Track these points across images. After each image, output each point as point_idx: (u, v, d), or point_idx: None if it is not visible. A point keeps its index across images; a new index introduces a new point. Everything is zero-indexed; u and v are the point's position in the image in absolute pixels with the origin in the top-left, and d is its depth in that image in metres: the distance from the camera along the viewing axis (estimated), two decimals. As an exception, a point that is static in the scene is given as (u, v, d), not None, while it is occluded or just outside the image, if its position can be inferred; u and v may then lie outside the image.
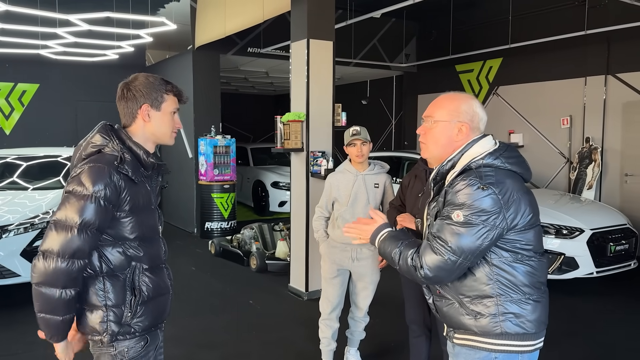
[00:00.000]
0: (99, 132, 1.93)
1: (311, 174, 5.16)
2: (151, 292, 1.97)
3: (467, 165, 1.81)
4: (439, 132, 1.89)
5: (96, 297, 1.88)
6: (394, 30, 10.70)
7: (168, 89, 2.01)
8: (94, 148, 1.90)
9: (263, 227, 7.06)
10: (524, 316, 1.78)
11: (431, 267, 1.74)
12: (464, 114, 1.87)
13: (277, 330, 4.58)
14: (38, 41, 7.95)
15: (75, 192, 1.81)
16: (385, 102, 12.06)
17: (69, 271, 1.79)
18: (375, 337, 4.29)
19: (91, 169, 1.83)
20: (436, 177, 1.92)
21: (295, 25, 5.34)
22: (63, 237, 1.78)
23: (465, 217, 1.71)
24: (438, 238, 1.75)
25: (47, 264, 1.77)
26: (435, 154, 1.92)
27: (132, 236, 1.92)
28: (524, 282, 1.78)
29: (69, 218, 1.79)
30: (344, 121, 5.41)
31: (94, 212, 1.80)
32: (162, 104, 1.99)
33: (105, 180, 1.82)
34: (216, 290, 5.77)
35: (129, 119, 1.99)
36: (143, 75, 1.99)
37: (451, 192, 1.77)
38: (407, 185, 3.25)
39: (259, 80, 12.78)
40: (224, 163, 8.40)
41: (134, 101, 1.96)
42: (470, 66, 10.04)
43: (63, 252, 1.77)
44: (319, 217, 3.67)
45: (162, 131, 2.02)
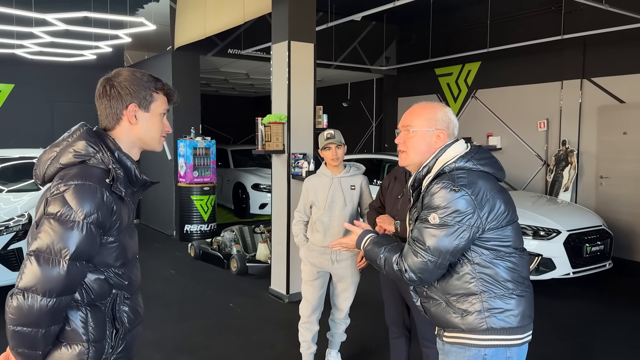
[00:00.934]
0: (83, 138, 1.62)
1: (292, 176, 5.15)
2: (130, 323, 1.74)
3: (440, 170, 1.88)
4: (419, 141, 1.96)
5: (78, 331, 1.60)
6: (375, 34, 10.76)
7: (158, 87, 1.75)
8: (77, 158, 1.59)
9: (244, 229, 7.01)
10: (508, 310, 1.83)
11: (414, 269, 1.81)
12: (440, 122, 1.96)
13: (258, 333, 4.55)
14: (13, 40, 7.79)
15: (61, 217, 1.50)
16: (366, 104, 12.12)
17: (56, 310, 1.51)
18: (356, 339, 4.29)
19: (79, 188, 1.52)
20: (414, 183, 1.98)
21: (276, 27, 5.33)
22: (49, 273, 1.48)
23: (441, 219, 1.78)
24: (417, 241, 1.83)
25: (29, 303, 1.47)
26: (416, 161, 1.98)
27: (117, 263, 1.67)
28: (506, 278, 1.84)
29: (55, 249, 1.49)
30: (325, 123, 5.42)
31: (85, 240, 1.52)
32: (151, 104, 1.73)
33: (97, 203, 1.54)
34: (196, 293, 5.71)
35: (111, 121, 1.70)
36: (128, 70, 1.72)
37: (427, 195, 1.84)
38: (387, 187, 3.27)
39: (239, 82, 12.73)
40: (204, 165, 8.33)
41: (119, 100, 1.68)
42: (450, 69, 10.15)
43: (50, 291, 1.48)
44: (298, 222, 3.67)
45: (150, 135, 1.75)
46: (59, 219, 1.51)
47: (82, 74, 9.91)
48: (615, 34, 7.04)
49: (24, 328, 1.50)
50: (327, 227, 3.48)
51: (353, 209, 3.53)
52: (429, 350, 3.03)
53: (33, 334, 1.51)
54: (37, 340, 1.53)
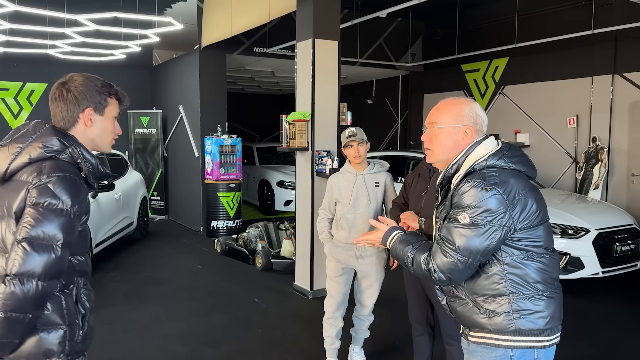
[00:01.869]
0: (54, 134, 1.72)
1: (316, 173, 5.18)
2: (90, 307, 1.85)
3: (471, 168, 1.84)
4: (445, 137, 1.93)
5: (57, 315, 1.70)
6: (400, 30, 10.70)
7: (112, 92, 1.85)
8: (48, 153, 1.68)
9: (268, 226, 7.09)
10: (537, 312, 1.81)
11: (443, 269, 1.79)
12: (467, 118, 1.91)
13: (282, 329, 4.61)
14: (46, 41, 8.02)
15: (49, 206, 1.61)
16: (391, 101, 12.06)
17: (45, 294, 1.62)
18: (380, 336, 4.30)
19: (62, 179, 1.64)
20: (442, 181, 1.95)
21: (300, 24, 5.37)
22: (46, 257, 1.59)
23: (472, 219, 1.75)
24: (446, 241, 1.80)
25: (26, 288, 1.56)
26: (443, 158, 1.95)
27: (84, 250, 1.80)
28: (536, 279, 1.81)
29: (49, 235, 1.60)
30: (349, 120, 5.43)
31: (72, 228, 1.66)
32: (105, 108, 1.83)
33: (81, 194, 1.68)
34: (222, 288, 5.81)
35: (67, 123, 1.79)
36: (82, 76, 1.82)
37: (457, 194, 1.81)
38: (411, 183, 3.26)
39: (265, 80, 12.82)
40: (230, 162, 8.44)
41: (76, 104, 1.77)
42: (477, 65, 10.02)
43: (46, 274, 1.59)
44: (323, 219, 3.70)
45: (102, 138, 1.86)
46: (47, 208, 1.61)
47: (113, 73, 10.12)
48: (649, 27, 6.85)
49: (15, 314, 1.57)
50: (352, 224, 3.50)
51: (377, 206, 3.54)
52: (453, 348, 3.03)
53: (21, 319, 1.58)
54: (23, 326, 1.60)
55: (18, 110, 9.85)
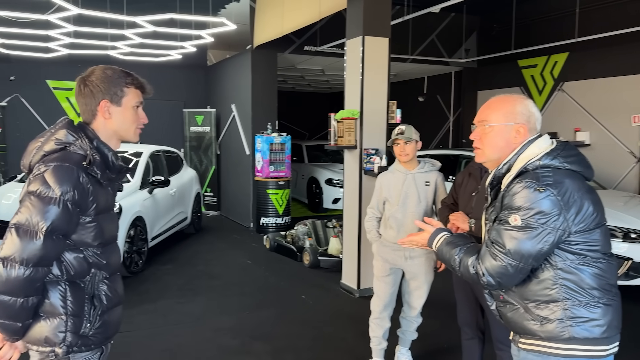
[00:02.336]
0: (64, 127, 1.77)
1: (364, 172, 5.15)
2: (109, 302, 1.85)
3: (523, 168, 1.77)
4: (496, 136, 1.85)
5: (56, 304, 1.72)
6: (454, 25, 10.47)
7: (128, 81, 1.86)
8: (59, 145, 1.74)
9: (316, 223, 7.12)
10: (593, 320, 1.72)
11: (492, 273, 1.73)
12: (520, 115, 1.83)
13: (329, 326, 4.62)
14: (108, 42, 8.37)
15: (40, 194, 1.65)
16: (443, 98, 11.83)
17: (32, 280, 1.64)
18: (427, 338, 4.23)
19: (57, 168, 1.67)
20: (492, 181, 1.88)
21: (350, 22, 5.35)
22: (26, 244, 1.62)
23: (524, 221, 1.68)
24: (496, 243, 1.74)
25: (8, 272, 1.61)
26: (493, 157, 1.88)
27: (95, 242, 1.78)
28: (592, 285, 1.72)
29: (33, 222, 1.63)
30: (398, 118, 5.36)
31: (61, 216, 1.65)
32: (122, 99, 1.84)
33: (74, 182, 1.68)
34: (270, 284, 5.89)
35: (88, 116, 1.84)
36: (100, 68, 1.84)
37: (508, 195, 1.74)
38: (461, 183, 3.19)
39: (315, 78, 12.88)
40: (279, 160, 8.54)
41: (92, 97, 1.81)
42: (534, 61, 9.66)
43: (27, 260, 1.61)
44: (371, 218, 3.67)
45: (124, 128, 1.87)
46: (38, 196, 1.65)
47: (169, 73, 10.46)
48: None
49: (3, 296, 1.63)
50: (401, 224, 3.45)
51: (427, 206, 3.48)
52: (503, 353, 2.94)
53: (12, 302, 1.64)
54: (16, 310, 1.65)
55: (81, 109, 10.35)
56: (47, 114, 9.89)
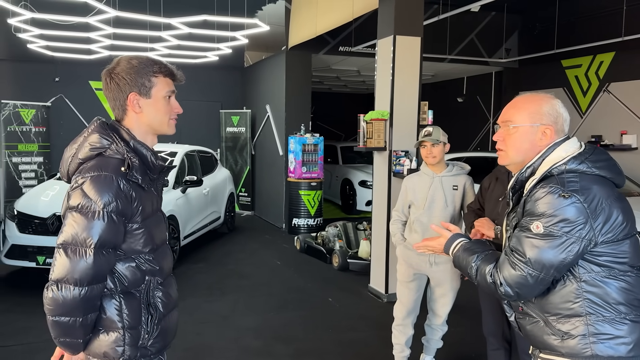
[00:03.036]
0: (97, 131, 1.66)
1: (393, 174, 5.05)
2: (165, 309, 1.77)
3: (547, 172, 1.65)
4: (521, 138, 1.73)
5: (113, 318, 1.66)
6: (494, 24, 10.17)
7: (155, 70, 1.70)
8: (93, 151, 1.63)
9: (347, 225, 7.05)
10: (619, 337, 1.59)
11: (510, 283, 1.63)
12: (547, 116, 1.71)
13: (353, 331, 4.55)
14: (146, 44, 8.56)
15: (82, 209, 1.56)
16: (483, 99, 11.52)
17: (89, 299, 1.58)
18: (453, 347, 4.10)
19: (96, 179, 1.58)
20: (515, 185, 1.77)
21: (382, 21, 5.26)
22: (77, 263, 1.54)
23: (546, 229, 1.57)
24: (516, 252, 1.64)
25: (63, 294, 1.55)
26: (517, 160, 1.77)
27: (146, 249, 1.70)
28: (618, 300, 1.59)
29: (80, 239, 1.55)
30: (430, 120, 5.23)
31: (108, 229, 1.57)
32: (151, 90, 1.70)
33: (115, 191, 1.58)
34: (298, 285, 5.86)
35: (119, 112, 1.72)
36: (125, 59, 1.70)
37: (530, 201, 1.63)
38: (487, 187, 3.06)
39: (350, 79, 12.80)
40: (312, 161, 8.52)
41: (119, 91, 1.68)
42: (578, 61, 9.27)
43: (80, 280, 1.55)
44: (396, 221, 3.58)
45: (158, 120, 1.74)
46: (80, 211, 1.56)
47: (206, 74, 10.61)
48: None
49: (62, 318, 1.57)
50: (426, 228, 3.34)
51: (455, 211, 3.36)
52: None
53: (71, 323, 1.58)
54: (76, 329, 1.60)
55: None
56: (89, 113, 10.20)
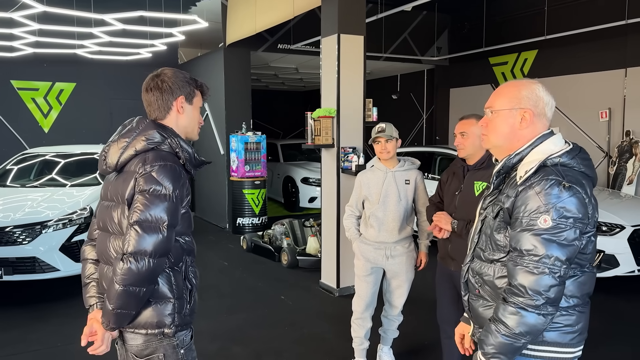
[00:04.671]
0: (153, 128, 1.91)
1: (342, 170, 5.13)
2: (196, 282, 2.05)
3: (542, 163, 1.68)
4: (501, 122, 1.78)
5: (165, 290, 1.90)
6: (425, 23, 10.55)
7: (198, 84, 2.04)
8: (151, 144, 1.88)
9: (294, 223, 7.07)
10: (567, 325, 1.71)
11: (538, 289, 1.57)
12: (525, 100, 1.74)
13: (309, 327, 4.59)
14: (75, 41, 8.14)
15: (154, 192, 1.80)
16: (416, 96, 11.92)
17: (156, 270, 1.82)
18: (409, 336, 4.24)
19: (163, 167, 1.83)
20: (500, 170, 1.80)
21: (325, 20, 5.31)
22: (154, 237, 1.78)
23: (554, 221, 1.58)
24: (529, 253, 1.60)
25: (140, 265, 1.77)
26: (497, 143, 1.81)
27: (188, 230, 1.99)
28: (573, 293, 1.70)
29: (156, 218, 1.79)
30: (375, 117, 5.36)
31: (174, 210, 1.83)
32: (194, 98, 2.02)
33: (181, 180, 1.85)
34: (248, 285, 5.82)
35: (162, 112, 1.97)
36: (172, 70, 2.00)
37: (529, 194, 1.63)
38: (445, 181, 3.18)
39: (288, 77, 12.81)
40: (255, 159, 8.45)
41: (170, 93, 1.95)
42: (505, 58, 9.81)
43: (155, 252, 1.78)
44: (350, 216, 3.64)
45: (192, 125, 2.04)
46: (152, 194, 1.79)
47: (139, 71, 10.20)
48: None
49: (132, 287, 1.78)
50: (382, 222, 3.43)
51: (408, 204, 3.47)
52: None
53: (137, 292, 1.79)
54: (139, 299, 1.82)
55: (48, 110, 10.05)
56: (10, 114, 9.57)
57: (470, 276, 1.89)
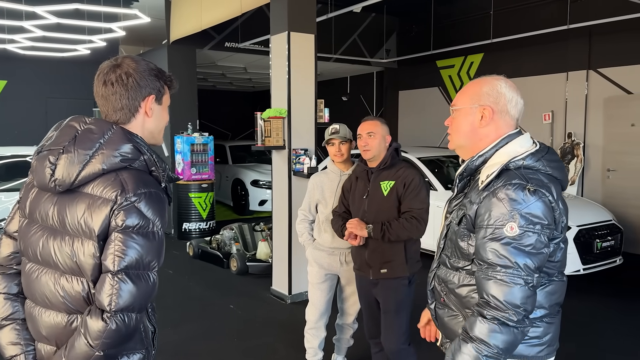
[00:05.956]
0: (128, 140, 1.48)
1: (293, 173, 4.96)
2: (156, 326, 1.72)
3: (505, 166, 1.58)
4: (461, 120, 1.70)
5: (138, 340, 1.57)
6: (374, 25, 10.55)
7: (167, 78, 1.62)
8: (125, 162, 1.46)
9: (243, 227, 6.83)
10: (535, 337, 1.62)
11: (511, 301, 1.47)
12: (485, 96, 1.66)
13: (260, 336, 4.38)
14: (4, 35, 7.58)
15: (141, 230, 1.43)
16: (366, 98, 11.92)
17: (139, 324, 1.50)
18: (363, 344, 4.10)
19: (149, 196, 1.45)
20: (463, 172, 1.72)
21: (275, 17, 5.13)
22: (143, 289, 1.43)
23: (521, 228, 1.48)
24: (497, 263, 1.50)
25: (126, 323, 1.41)
26: (460, 143, 1.73)
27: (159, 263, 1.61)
28: (540, 304, 1.61)
29: (144, 263, 1.44)
30: (326, 117, 5.23)
31: (162, 249, 1.50)
32: (163, 97, 1.61)
33: (165, 209, 1.50)
34: (196, 294, 5.54)
35: (127, 114, 1.54)
36: (134, 58, 1.55)
37: (493, 201, 1.53)
38: (349, 189, 3.10)
39: (237, 76, 12.52)
40: (202, 161, 8.14)
41: (138, 90, 1.52)
42: (451, 62, 9.96)
43: (142, 306, 1.45)
44: (303, 220, 3.48)
45: (159, 128, 1.64)
46: (139, 232, 1.43)
47: (77, 69, 9.69)
48: (622, 23, 6.85)
49: (111, 350, 1.44)
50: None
51: (362, 207, 3.34)
52: None
53: (113, 354, 1.46)
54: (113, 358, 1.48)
55: (-25, 109, 9.32)
56: None
57: (437, 283, 1.79)
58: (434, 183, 6.48)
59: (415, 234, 2.81)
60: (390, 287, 2.90)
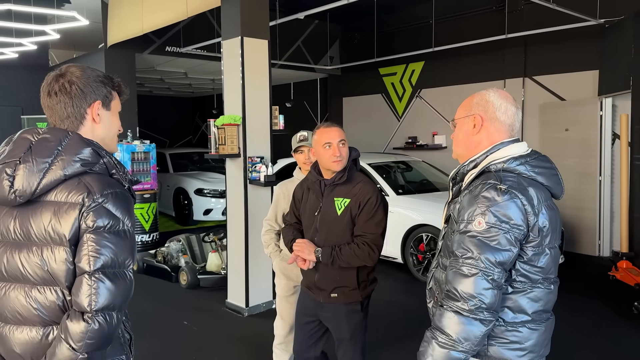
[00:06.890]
0: (86, 145, 1.51)
1: (249, 181, 4.81)
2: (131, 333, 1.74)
3: (485, 167, 1.66)
4: (458, 130, 1.82)
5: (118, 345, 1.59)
6: (318, 33, 10.57)
7: (115, 84, 1.65)
8: (85, 166, 1.49)
9: (191, 238, 6.57)
10: (514, 342, 1.63)
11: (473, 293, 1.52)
12: (475, 106, 1.77)
13: (221, 353, 4.19)
14: None
15: (112, 229, 1.45)
16: (310, 104, 11.91)
17: (119, 323, 1.49)
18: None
19: (115, 196, 1.48)
20: (455, 176, 1.79)
21: (226, 22, 4.98)
22: (122, 287, 1.45)
23: (488, 224, 1.54)
24: (462, 255, 1.57)
25: (108, 322, 1.42)
26: (459, 152, 1.83)
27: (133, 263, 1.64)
28: (521, 309, 1.63)
29: (119, 262, 1.46)
30: (281, 124, 5.14)
31: (134, 247, 1.53)
32: (111, 102, 1.64)
33: (132, 208, 1.55)
34: (144, 312, 5.23)
35: (74, 122, 1.56)
36: (80, 67, 1.59)
37: (469, 197, 1.61)
38: (301, 199, 2.78)
39: (176, 82, 12.13)
40: (144, 171, 7.78)
41: (82, 98, 1.55)
42: (394, 69, 10.15)
43: (121, 304, 1.47)
44: (268, 231, 3.35)
45: (110, 135, 1.65)
46: (111, 231, 1.45)
47: (4, 74, 9.00)
48: (556, 33, 7.26)
49: (95, 352, 1.42)
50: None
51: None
52: None
53: (98, 357, 1.44)
54: None
55: None
56: None
57: (433, 283, 1.84)
58: (385, 189, 6.53)
59: (367, 262, 2.48)
60: (342, 314, 2.60)
